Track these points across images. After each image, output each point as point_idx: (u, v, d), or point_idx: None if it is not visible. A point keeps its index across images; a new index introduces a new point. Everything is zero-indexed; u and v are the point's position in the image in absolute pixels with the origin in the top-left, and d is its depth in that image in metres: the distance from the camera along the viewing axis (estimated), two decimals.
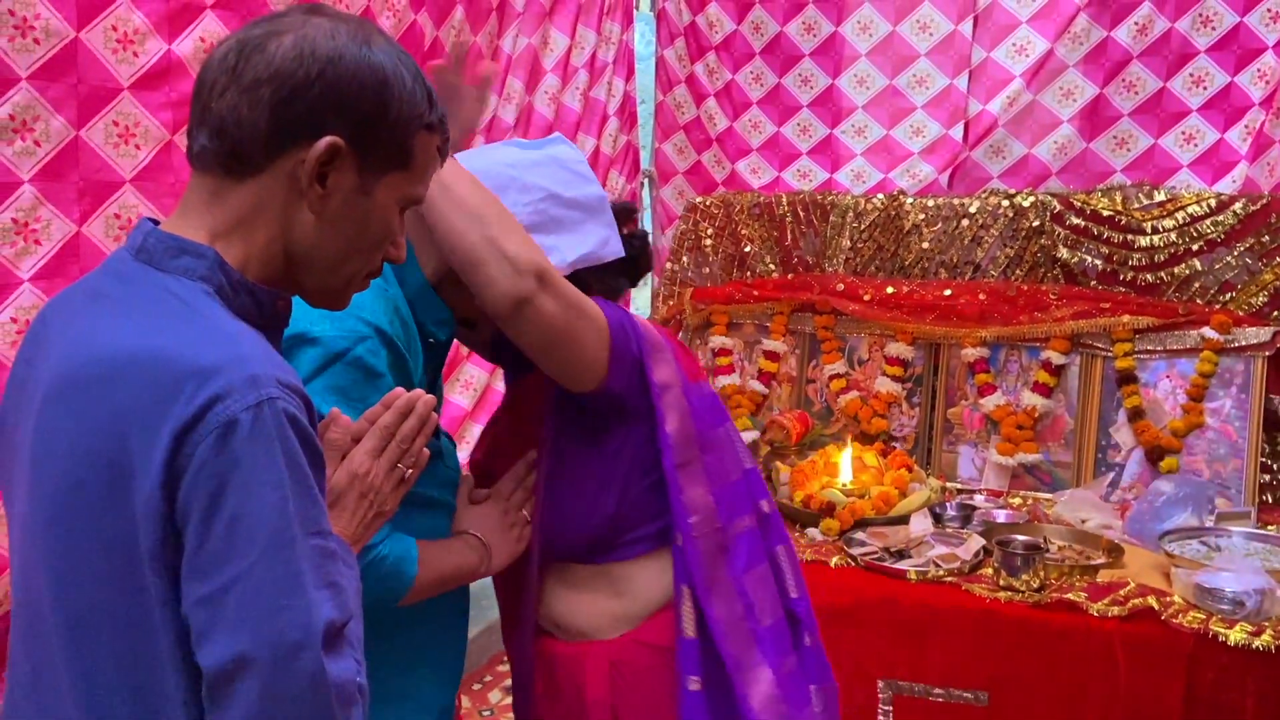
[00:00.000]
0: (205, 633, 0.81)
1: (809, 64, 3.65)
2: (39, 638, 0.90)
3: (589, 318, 1.36)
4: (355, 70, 0.92)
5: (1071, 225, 2.96)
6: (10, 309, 1.68)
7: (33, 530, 0.89)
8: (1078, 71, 3.33)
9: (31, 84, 1.66)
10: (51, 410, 0.87)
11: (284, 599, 0.81)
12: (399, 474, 1.08)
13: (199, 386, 0.81)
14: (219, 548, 0.81)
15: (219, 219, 0.94)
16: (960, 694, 2.22)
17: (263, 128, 0.90)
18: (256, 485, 0.81)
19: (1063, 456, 2.86)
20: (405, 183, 0.99)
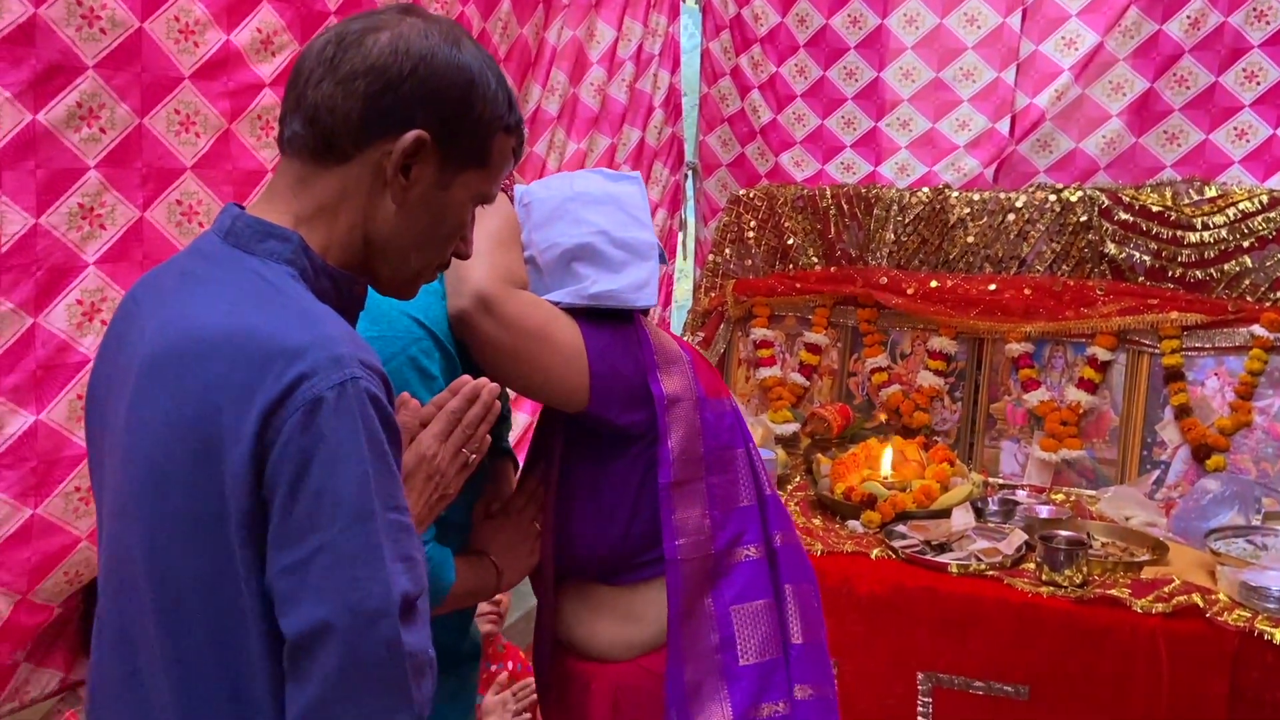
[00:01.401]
0: (289, 600, 0.85)
1: (854, 57, 3.64)
2: (130, 600, 0.94)
3: (550, 342, 1.37)
4: (445, 69, 0.97)
5: (1120, 221, 2.93)
6: (76, 291, 1.73)
7: (127, 499, 0.93)
8: (1128, 65, 3.29)
9: (98, 73, 1.70)
10: (146, 385, 0.91)
11: (364, 570, 0.84)
12: (463, 458, 1.12)
13: (286, 365, 0.85)
14: (303, 519, 0.84)
15: (304, 204, 0.97)
16: (1001, 687, 2.22)
17: (355, 118, 0.95)
18: (340, 461, 0.84)
19: (1107, 453, 2.84)
20: (480, 180, 1.03)
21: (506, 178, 1.14)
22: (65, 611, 1.87)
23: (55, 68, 1.64)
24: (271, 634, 0.87)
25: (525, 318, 1.36)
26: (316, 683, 0.84)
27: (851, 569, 2.36)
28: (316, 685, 0.84)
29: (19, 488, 1.68)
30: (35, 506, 1.71)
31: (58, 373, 1.72)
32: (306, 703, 0.84)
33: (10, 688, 1.84)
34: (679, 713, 1.41)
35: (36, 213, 1.65)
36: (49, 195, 1.66)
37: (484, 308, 1.32)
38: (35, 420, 1.69)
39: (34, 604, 1.77)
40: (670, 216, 3.86)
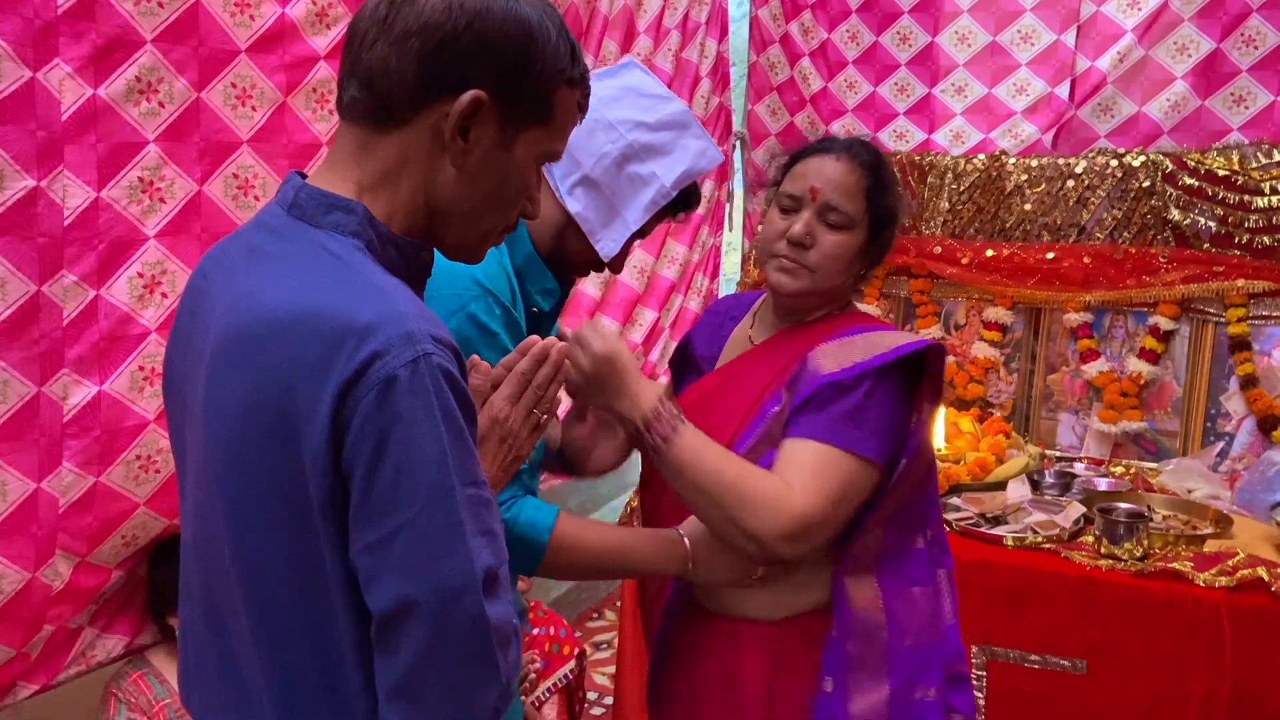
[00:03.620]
0: (373, 578, 0.85)
1: (908, 21, 3.56)
2: (219, 581, 0.95)
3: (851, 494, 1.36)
4: (502, 23, 0.93)
5: (1185, 186, 2.85)
6: (137, 264, 1.75)
7: (208, 479, 0.94)
8: (1193, 26, 3.18)
9: (156, 46, 1.72)
10: (221, 365, 0.91)
11: (446, 546, 0.85)
12: (535, 419, 1.11)
13: (359, 344, 0.84)
14: (384, 498, 0.84)
15: (366, 172, 0.96)
16: (1058, 661, 2.20)
17: (410, 79, 0.92)
18: (417, 438, 0.84)
19: (1169, 425, 2.78)
20: (545, 138, 1.00)
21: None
22: (124, 575, 1.92)
23: (115, 42, 1.66)
24: (357, 608, 0.88)
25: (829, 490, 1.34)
26: (406, 657, 0.85)
27: None
28: (406, 660, 0.85)
29: (83, 456, 1.72)
30: (99, 475, 1.75)
31: (120, 344, 1.75)
32: (397, 677, 0.85)
33: (76, 651, 1.89)
34: (838, 682, 1.41)
35: (98, 186, 1.68)
36: (110, 169, 1.69)
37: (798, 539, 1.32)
38: (99, 390, 1.73)
39: (92, 566, 1.82)
40: (718, 188, 3.82)
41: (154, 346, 1.79)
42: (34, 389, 1.64)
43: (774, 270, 1.47)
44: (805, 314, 1.52)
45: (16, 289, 1.59)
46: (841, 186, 1.44)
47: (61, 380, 1.67)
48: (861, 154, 1.47)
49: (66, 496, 1.71)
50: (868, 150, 1.49)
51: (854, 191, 1.45)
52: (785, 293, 1.47)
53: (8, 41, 1.53)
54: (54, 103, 1.60)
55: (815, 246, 1.44)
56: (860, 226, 1.46)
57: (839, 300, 1.53)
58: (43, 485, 1.68)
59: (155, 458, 1.82)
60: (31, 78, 1.57)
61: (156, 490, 1.84)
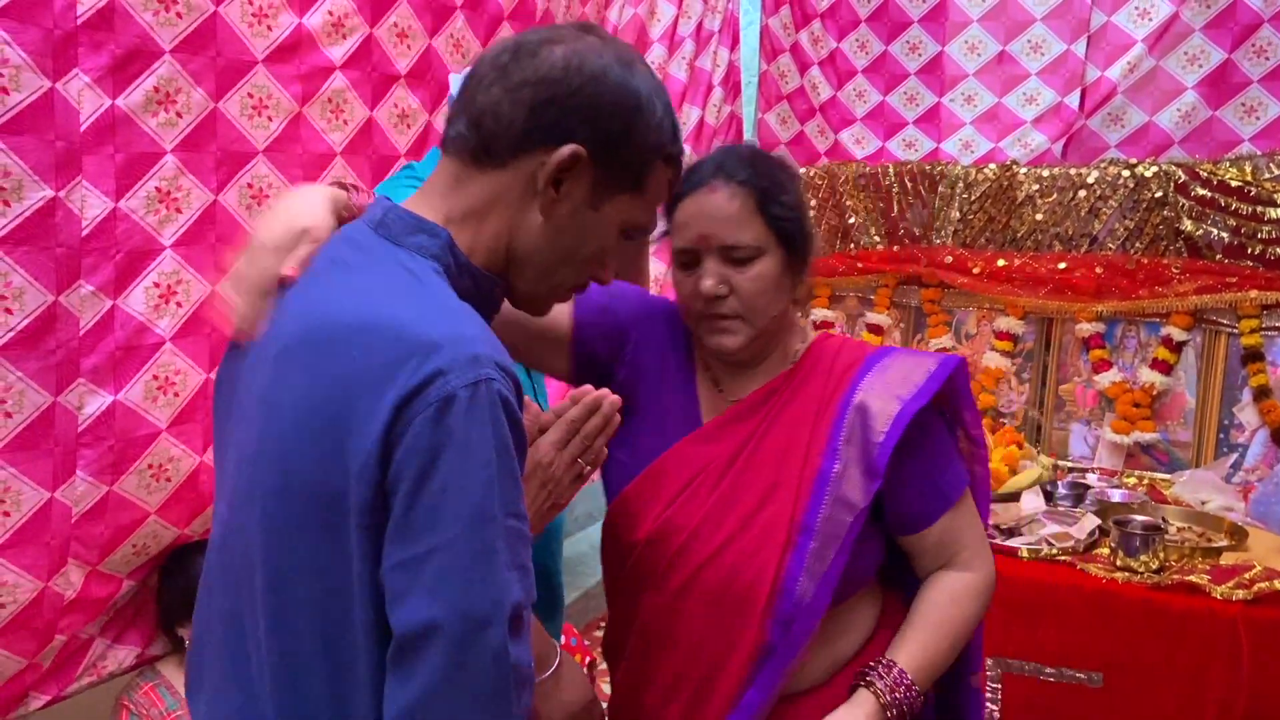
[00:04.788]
0: (401, 595, 0.84)
1: (917, 30, 3.57)
2: (241, 577, 0.95)
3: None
4: (614, 90, 0.97)
5: (1197, 196, 2.84)
6: (154, 274, 1.75)
7: (250, 472, 0.94)
8: (1204, 36, 3.18)
9: (174, 57, 1.72)
10: (287, 363, 0.92)
11: (479, 574, 0.84)
12: (578, 468, 1.12)
13: (424, 360, 0.85)
14: (425, 516, 0.83)
15: (456, 204, 0.98)
16: (1073, 674, 2.18)
17: (517, 125, 0.95)
18: (467, 461, 0.84)
19: (1182, 436, 2.77)
20: (633, 207, 1.02)
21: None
22: (136, 586, 1.92)
23: (134, 52, 1.66)
24: (378, 624, 0.87)
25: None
26: (420, 682, 0.83)
27: None
28: (420, 685, 0.83)
29: (96, 466, 1.72)
30: (111, 484, 1.75)
31: (135, 354, 1.75)
32: (408, 701, 0.84)
33: (88, 662, 1.89)
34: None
35: (116, 196, 1.67)
36: (128, 179, 1.69)
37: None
38: (113, 400, 1.72)
39: (103, 575, 1.81)
40: None
41: (168, 356, 1.79)
42: (50, 399, 1.63)
43: (707, 334, 1.31)
44: (762, 356, 1.36)
45: (34, 299, 1.58)
46: (730, 219, 1.27)
47: (77, 390, 1.67)
48: (736, 171, 1.28)
49: (79, 506, 1.71)
50: (739, 162, 1.30)
51: (745, 218, 1.27)
52: (731, 351, 1.31)
53: (27, 52, 1.53)
54: (73, 113, 1.60)
55: (735, 293, 1.28)
56: (770, 247, 1.29)
57: (787, 323, 1.38)
58: (56, 495, 1.67)
59: (167, 467, 1.82)
60: (51, 88, 1.56)
61: (167, 499, 1.84)
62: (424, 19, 2.19)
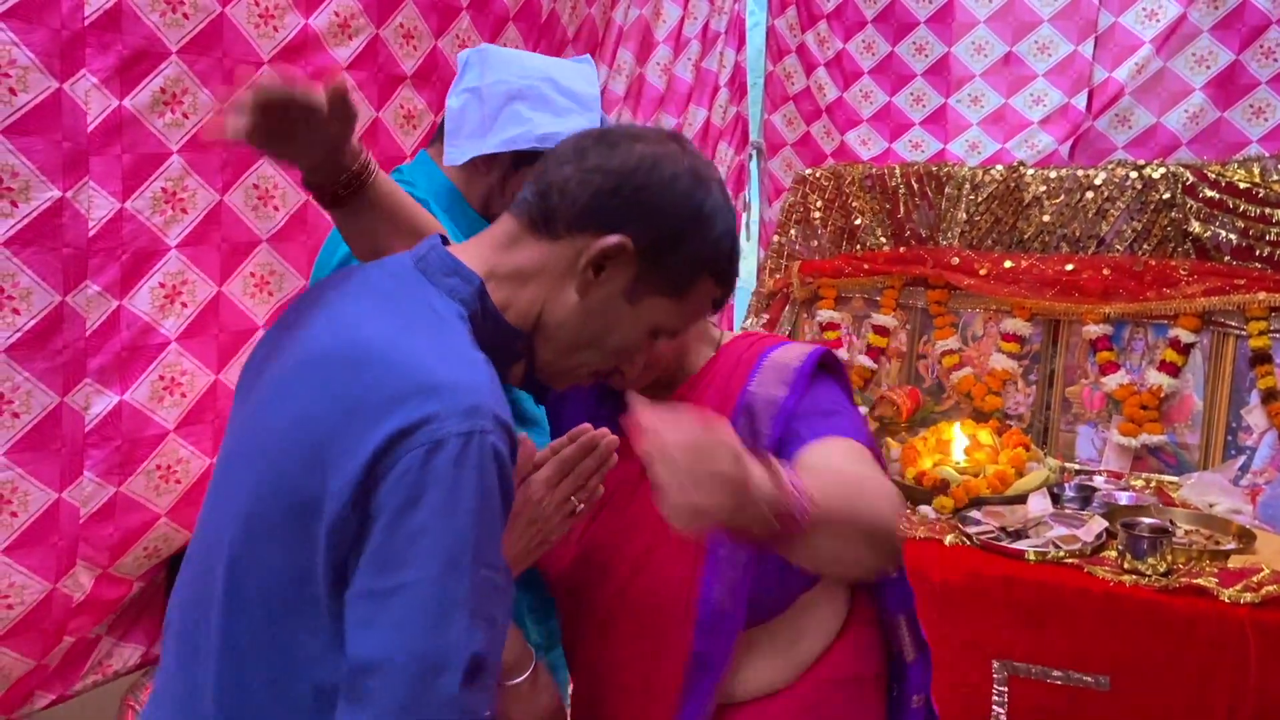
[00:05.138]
0: (363, 623, 0.85)
1: (924, 31, 3.56)
2: (206, 564, 0.96)
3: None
4: (678, 197, 1.00)
5: (1205, 198, 2.83)
6: (159, 274, 1.75)
7: (241, 464, 0.96)
8: (1212, 37, 3.17)
9: (181, 58, 1.72)
10: (299, 372, 0.94)
11: (441, 619, 0.84)
12: (570, 506, 1.12)
13: (424, 400, 0.86)
14: (399, 552, 0.84)
15: (503, 261, 1.01)
16: (1080, 677, 2.18)
17: (578, 205, 0.99)
18: (447, 508, 0.85)
19: (1189, 438, 2.76)
20: (668, 311, 1.05)
21: None
22: (145, 586, 1.92)
23: (141, 53, 1.66)
24: (331, 645, 0.88)
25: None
26: (371, 715, 0.84)
27: (924, 555, 2.32)
28: (370, 715, 0.84)
29: (104, 466, 1.72)
30: (119, 485, 1.75)
31: (141, 354, 1.75)
32: None
33: (93, 661, 1.89)
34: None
35: (122, 197, 1.67)
36: (134, 180, 1.69)
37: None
38: (120, 400, 1.72)
39: (114, 578, 1.81)
40: (734, 197, 3.82)
41: (174, 356, 1.79)
42: (57, 399, 1.64)
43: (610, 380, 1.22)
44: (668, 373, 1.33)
45: (41, 299, 1.59)
46: None
47: (84, 390, 1.67)
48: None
49: (87, 507, 1.71)
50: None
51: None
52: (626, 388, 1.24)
53: (35, 52, 1.53)
54: (80, 114, 1.60)
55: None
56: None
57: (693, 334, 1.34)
58: (64, 495, 1.68)
59: (175, 468, 1.82)
60: (58, 89, 1.57)
61: (177, 501, 1.84)
62: (430, 20, 2.18)
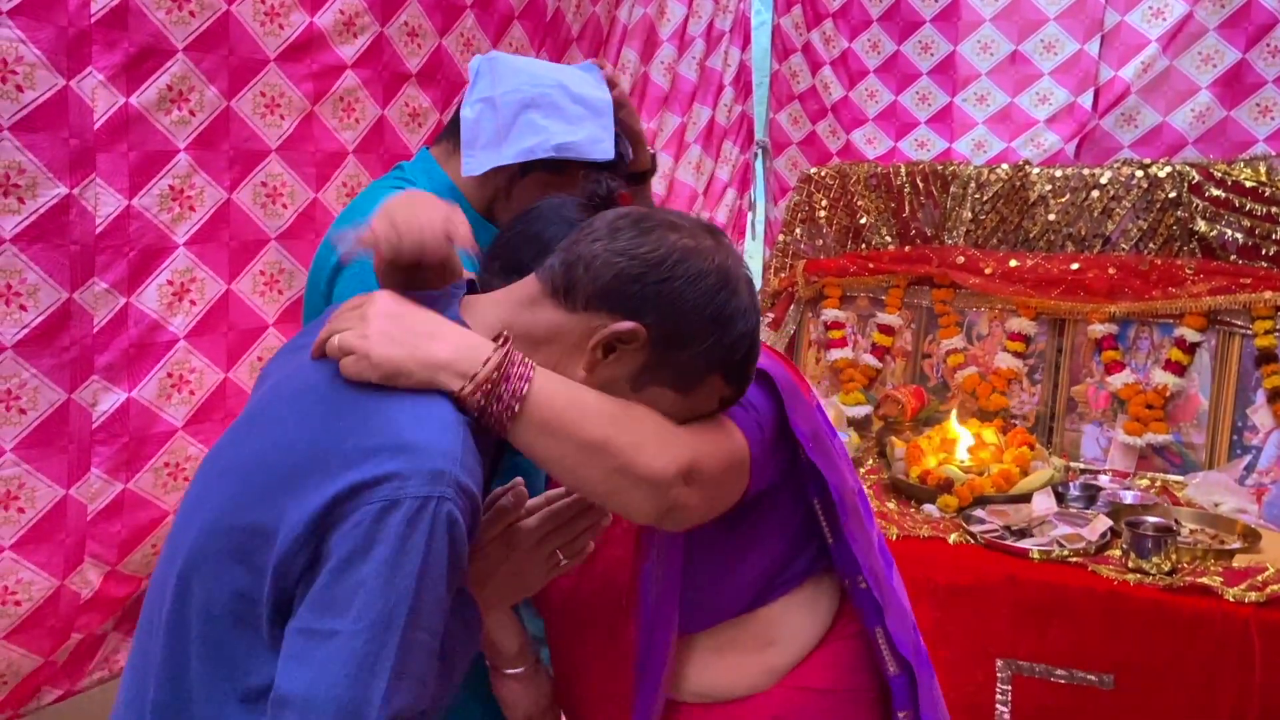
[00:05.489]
0: (293, 658, 0.87)
1: (929, 30, 3.56)
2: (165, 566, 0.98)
3: (733, 466, 1.15)
4: (703, 298, 1.00)
5: (1211, 197, 2.83)
6: (167, 272, 1.76)
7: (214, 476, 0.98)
8: (1218, 36, 3.17)
9: (188, 55, 1.73)
10: (293, 402, 0.96)
11: (366, 675, 0.86)
12: (555, 560, 1.11)
13: (391, 456, 0.88)
14: (340, 599, 0.86)
15: (519, 320, 1.01)
16: (1084, 676, 2.17)
17: (600, 283, 0.99)
18: (393, 567, 0.86)
19: (1194, 438, 2.76)
20: (671, 403, 1.04)
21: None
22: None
23: (147, 51, 1.67)
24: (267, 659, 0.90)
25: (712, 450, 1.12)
26: None
27: (928, 554, 2.32)
28: None
29: (111, 463, 1.73)
30: (126, 481, 1.76)
31: (149, 351, 1.76)
32: None
33: (100, 657, 1.90)
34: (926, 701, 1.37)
35: (129, 194, 1.68)
36: (141, 177, 1.70)
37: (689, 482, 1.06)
38: (127, 398, 1.73)
39: (122, 575, 1.82)
40: (739, 196, 3.82)
41: (182, 354, 1.80)
42: (64, 395, 1.64)
43: None
44: None
45: (48, 296, 1.59)
46: None
47: (91, 387, 1.68)
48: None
49: (94, 503, 1.72)
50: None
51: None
52: None
53: (42, 50, 1.54)
54: (87, 111, 1.61)
55: None
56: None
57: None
58: (71, 492, 1.68)
59: (184, 465, 1.82)
60: (65, 86, 1.57)
61: None
62: (434, 18, 2.19)
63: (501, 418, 0.95)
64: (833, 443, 1.35)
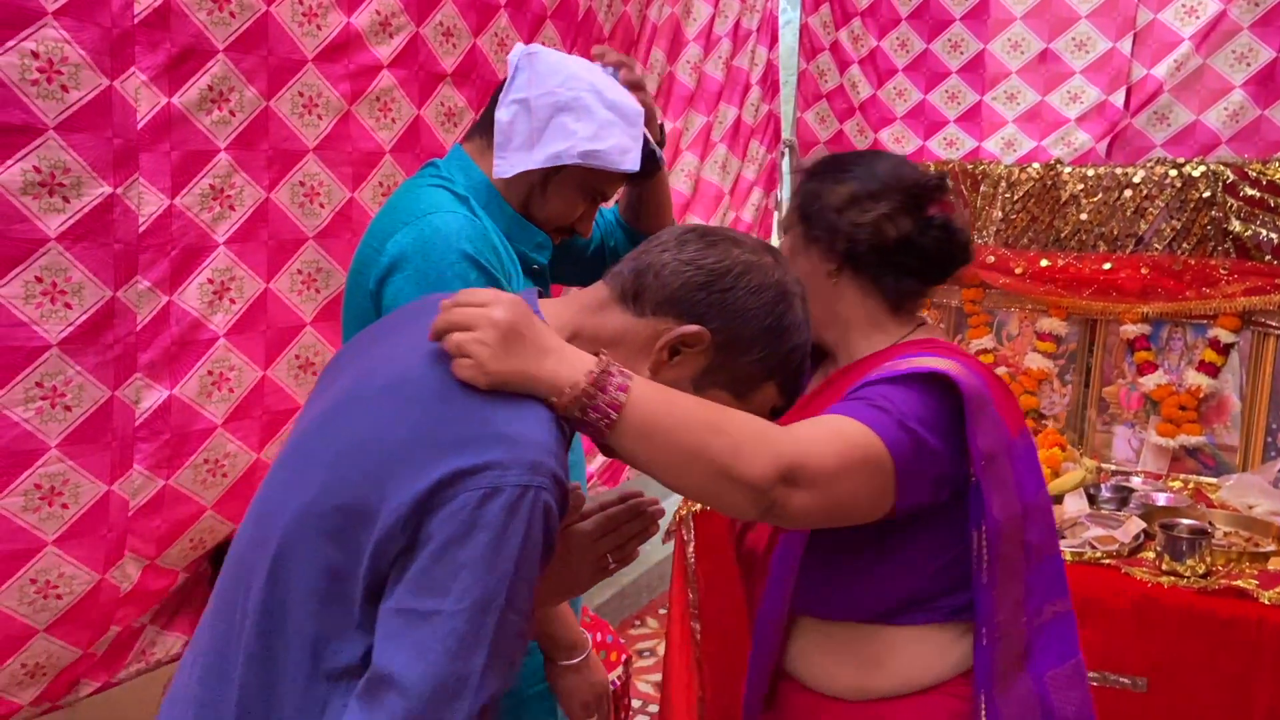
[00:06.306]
0: (391, 638, 0.90)
1: (959, 28, 3.54)
2: (252, 550, 0.99)
3: (857, 465, 1.14)
4: (764, 307, 1.06)
5: (1246, 196, 2.80)
6: (207, 270, 1.78)
7: (311, 462, 0.99)
8: (1252, 35, 3.13)
9: (228, 56, 1.74)
10: (387, 392, 0.99)
11: (466, 652, 0.89)
12: (604, 563, 1.17)
13: (493, 446, 0.91)
14: (440, 581, 0.89)
15: (588, 323, 1.07)
16: (1117, 679, 2.17)
17: (668, 290, 1.05)
18: (494, 550, 0.90)
19: (1228, 439, 2.74)
20: (730, 404, 1.08)
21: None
22: (190, 576, 1.95)
23: (188, 51, 1.68)
24: (359, 639, 0.93)
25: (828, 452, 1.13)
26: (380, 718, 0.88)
27: None
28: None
29: (153, 459, 1.75)
30: (167, 478, 1.78)
31: (190, 349, 1.77)
32: None
33: (137, 649, 1.92)
34: None
35: (171, 194, 1.70)
36: (183, 177, 1.71)
37: (793, 483, 1.08)
38: (169, 395, 1.75)
39: (160, 569, 1.84)
40: (765, 195, 3.81)
41: (222, 352, 1.81)
42: (108, 393, 1.66)
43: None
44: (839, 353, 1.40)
45: (93, 294, 1.61)
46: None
47: (134, 384, 1.70)
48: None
49: (136, 499, 1.74)
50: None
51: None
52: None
53: (86, 50, 1.55)
54: (130, 111, 1.62)
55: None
56: (794, 227, 1.40)
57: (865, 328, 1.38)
58: (114, 488, 1.70)
59: (223, 461, 1.84)
60: (109, 86, 1.59)
61: (223, 494, 1.86)
62: (469, 18, 2.20)
63: (599, 425, 0.99)
64: (1017, 468, 1.26)
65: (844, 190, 1.36)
